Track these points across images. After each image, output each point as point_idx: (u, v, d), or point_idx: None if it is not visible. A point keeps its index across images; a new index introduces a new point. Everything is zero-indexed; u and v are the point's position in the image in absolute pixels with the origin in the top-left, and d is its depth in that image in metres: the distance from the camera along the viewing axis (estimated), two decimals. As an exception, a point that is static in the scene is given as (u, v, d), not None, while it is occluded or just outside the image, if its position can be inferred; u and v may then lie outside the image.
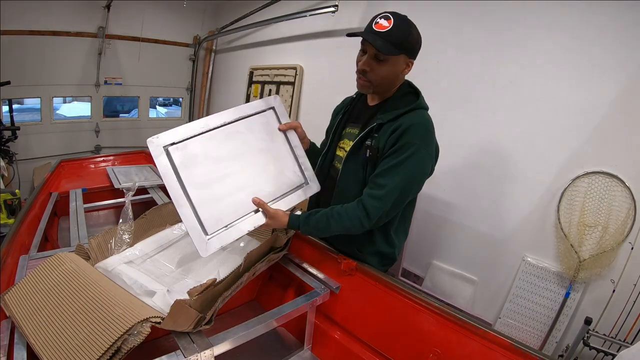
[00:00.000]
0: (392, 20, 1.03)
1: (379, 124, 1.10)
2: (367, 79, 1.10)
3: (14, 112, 3.46)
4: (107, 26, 3.87)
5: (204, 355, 0.80)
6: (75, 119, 4.54)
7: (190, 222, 0.97)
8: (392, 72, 1.09)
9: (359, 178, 1.15)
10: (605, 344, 1.54)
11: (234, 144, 1.08)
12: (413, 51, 1.08)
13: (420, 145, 1.04)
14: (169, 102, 6.23)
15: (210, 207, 1.00)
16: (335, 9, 2.78)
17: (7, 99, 3.38)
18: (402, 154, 1.03)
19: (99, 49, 3.91)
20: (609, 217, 1.71)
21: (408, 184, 1.06)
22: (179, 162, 0.99)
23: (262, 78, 3.76)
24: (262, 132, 1.14)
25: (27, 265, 1.14)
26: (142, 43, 4.23)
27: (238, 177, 1.07)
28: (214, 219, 1.00)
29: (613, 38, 1.68)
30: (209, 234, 0.99)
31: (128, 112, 5.27)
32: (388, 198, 1.04)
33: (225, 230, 1.02)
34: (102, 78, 4.07)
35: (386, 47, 1.02)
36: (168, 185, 0.97)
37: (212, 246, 0.98)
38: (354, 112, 1.28)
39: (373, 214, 1.05)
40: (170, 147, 0.98)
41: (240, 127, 1.11)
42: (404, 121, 1.06)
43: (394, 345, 1.04)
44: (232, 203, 1.04)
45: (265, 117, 1.16)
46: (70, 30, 3.69)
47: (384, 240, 1.21)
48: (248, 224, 1.06)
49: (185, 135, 1.01)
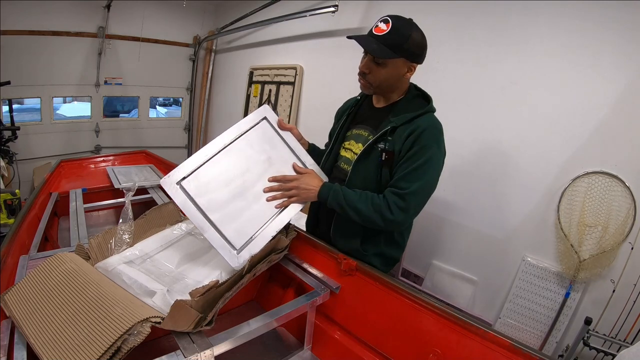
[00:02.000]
0: (391, 23, 1.04)
1: (393, 127, 1.11)
2: (367, 80, 1.13)
3: (14, 112, 3.46)
4: (107, 26, 3.88)
5: (204, 355, 0.80)
6: (75, 119, 4.54)
7: (219, 243, 1.04)
8: (392, 76, 1.10)
9: (371, 180, 1.16)
10: (605, 344, 1.54)
11: (239, 161, 1.14)
12: (414, 55, 1.08)
13: (435, 149, 1.08)
14: (169, 102, 6.23)
15: (233, 225, 1.07)
16: (335, 9, 2.78)
17: (7, 99, 3.38)
18: (421, 157, 1.06)
19: (99, 49, 3.91)
20: (609, 217, 1.71)
21: (427, 187, 1.10)
22: (194, 192, 1.05)
23: (262, 78, 3.77)
24: (261, 144, 1.19)
25: (27, 265, 1.14)
26: (142, 43, 4.23)
27: (251, 190, 1.14)
28: (238, 235, 1.07)
29: (613, 38, 1.68)
30: (237, 249, 1.05)
31: (128, 112, 5.27)
32: (411, 201, 1.07)
33: (252, 241, 1.08)
34: (102, 78, 4.07)
35: (380, 51, 1.04)
36: (190, 216, 1.02)
37: (242, 258, 1.05)
38: (359, 113, 1.29)
39: (396, 212, 1.07)
40: (182, 181, 1.05)
41: (240, 144, 1.16)
42: (419, 124, 1.08)
43: (394, 345, 1.04)
44: (251, 215, 1.11)
45: (260, 129, 1.21)
46: (70, 30, 3.69)
47: (388, 242, 1.23)
48: (271, 230, 1.13)
49: (193, 167, 1.07)
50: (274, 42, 3.70)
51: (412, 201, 1.07)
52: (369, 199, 1.10)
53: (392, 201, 1.07)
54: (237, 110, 4.08)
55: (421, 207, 1.13)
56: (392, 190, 1.09)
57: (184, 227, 1.35)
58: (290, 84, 3.42)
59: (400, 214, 1.07)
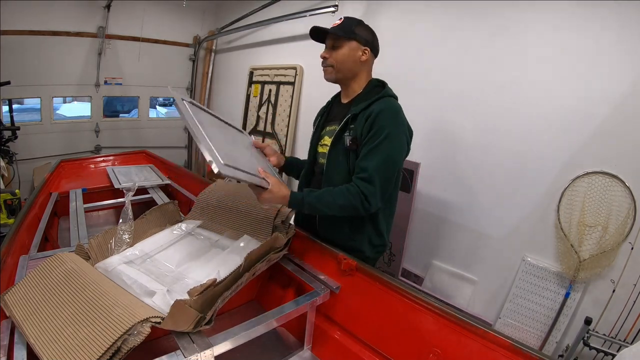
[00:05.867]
0: (343, 19, 1.28)
1: (354, 114, 1.21)
2: (328, 64, 1.28)
3: (14, 112, 3.46)
4: (107, 26, 3.88)
5: (204, 355, 0.80)
6: (75, 119, 4.54)
7: (207, 147, 0.97)
8: (348, 56, 1.24)
9: (344, 168, 1.23)
10: (605, 344, 1.54)
11: (222, 130, 1.22)
12: (364, 40, 1.24)
13: (392, 127, 1.15)
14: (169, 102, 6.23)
15: (224, 150, 1.03)
16: (335, 9, 2.78)
17: (7, 99, 3.38)
18: (378, 137, 1.14)
19: (99, 49, 3.91)
20: (609, 217, 1.71)
21: (389, 161, 1.16)
22: (193, 111, 1.08)
23: (262, 78, 3.77)
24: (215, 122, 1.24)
25: (27, 265, 1.14)
26: (142, 43, 4.23)
27: (240, 145, 1.23)
28: (227, 157, 1.01)
29: (613, 38, 1.68)
30: (222, 161, 0.99)
31: (128, 112, 5.28)
32: (375, 177, 1.13)
33: (237, 170, 1.02)
34: (102, 78, 4.07)
35: (334, 30, 1.23)
36: (189, 123, 0.99)
37: (226, 170, 0.97)
38: (331, 113, 1.40)
39: (369, 195, 1.13)
40: (185, 100, 1.10)
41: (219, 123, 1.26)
42: (374, 108, 1.17)
43: (394, 345, 1.04)
44: (241, 155, 1.14)
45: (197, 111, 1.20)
46: (70, 30, 3.69)
47: (373, 227, 1.28)
48: (256, 179, 1.07)
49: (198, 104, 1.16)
50: (274, 42, 3.70)
51: (376, 178, 1.13)
52: (343, 192, 1.14)
53: (363, 187, 1.13)
54: (237, 110, 4.08)
55: (389, 183, 1.18)
56: (357, 176, 1.16)
57: (184, 227, 1.35)
58: (290, 84, 3.42)
59: (373, 197, 1.13)
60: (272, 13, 3.49)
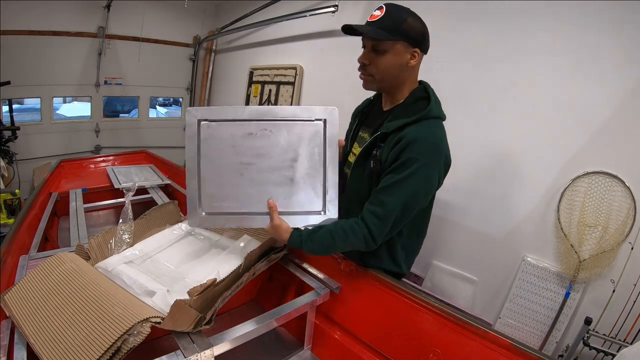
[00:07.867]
0: (385, 9, 0.98)
1: (384, 133, 1.03)
2: (368, 72, 1.04)
3: (14, 112, 3.46)
4: (107, 26, 3.87)
5: (204, 355, 0.80)
6: (75, 119, 4.54)
7: (192, 194, 1.02)
8: (394, 63, 1.00)
9: (365, 187, 1.09)
10: (605, 344, 1.54)
11: (265, 142, 1.03)
12: (414, 39, 0.99)
13: (424, 161, 0.96)
14: (169, 102, 6.23)
15: (214, 190, 1.03)
16: (335, 9, 2.78)
17: (7, 99, 3.38)
18: (405, 170, 0.96)
19: (99, 49, 3.91)
20: (609, 217, 1.71)
21: (411, 201, 0.99)
22: (204, 137, 1.02)
23: (262, 78, 3.77)
24: (300, 141, 1.04)
25: (27, 265, 1.14)
26: (142, 43, 4.23)
27: (253, 175, 1.04)
28: (213, 199, 1.03)
29: (614, 38, 1.68)
30: (203, 211, 1.02)
31: (128, 112, 5.27)
32: (389, 217, 0.98)
33: (222, 216, 1.05)
34: (102, 78, 4.07)
35: (375, 32, 0.96)
36: (188, 152, 1.00)
37: (199, 222, 1.02)
38: (369, 115, 1.22)
39: (376, 234, 0.99)
40: (202, 122, 1.02)
41: (279, 127, 1.03)
42: (408, 133, 0.98)
43: (394, 345, 1.04)
44: (236, 196, 1.05)
45: (315, 127, 1.05)
46: (70, 30, 3.69)
47: (389, 256, 1.15)
48: (251, 222, 1.07)
49: (220, 117, 1.03)
50: (274, 42, 3.70)
51: (391, 218, 0.98)
52: (347, 233, 1.00)
53: (372, 223, 0.99)
54: (237, 110, 4.08)
55: (403, 223, 1.04)
56: (370, 209, 1.00)
57: (184, 227, 1.35)
58: (290, 84, 3.42)
59: (380, 236, 1.00)
60: (272, 13, 3.49)
